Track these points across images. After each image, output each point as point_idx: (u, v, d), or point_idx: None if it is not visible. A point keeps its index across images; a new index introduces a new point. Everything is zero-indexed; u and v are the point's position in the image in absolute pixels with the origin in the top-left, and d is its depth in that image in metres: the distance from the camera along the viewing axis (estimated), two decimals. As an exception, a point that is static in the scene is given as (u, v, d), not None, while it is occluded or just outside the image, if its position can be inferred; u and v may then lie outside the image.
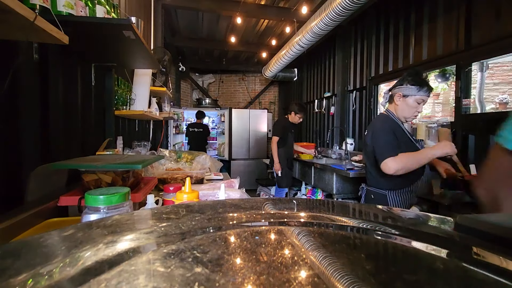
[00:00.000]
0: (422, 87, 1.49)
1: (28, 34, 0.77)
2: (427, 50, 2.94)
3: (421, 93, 1.50)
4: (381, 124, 1.59)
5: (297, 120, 3.83)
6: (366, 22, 3.99)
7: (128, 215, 0.50)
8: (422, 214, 0.57)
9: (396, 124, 1.59)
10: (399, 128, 1.58)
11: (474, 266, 0.33)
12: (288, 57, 4.74)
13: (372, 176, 1.66)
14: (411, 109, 1.53)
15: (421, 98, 1.50)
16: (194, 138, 5.65)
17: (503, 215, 0.42)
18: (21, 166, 0.99)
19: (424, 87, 1.49)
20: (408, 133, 1.61)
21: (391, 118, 1.62)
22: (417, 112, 1.54)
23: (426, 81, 1.53)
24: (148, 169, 1.67)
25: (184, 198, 0.91)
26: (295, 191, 4.83)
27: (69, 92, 1.36)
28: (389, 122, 1.59)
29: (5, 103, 0.90)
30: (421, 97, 1.50)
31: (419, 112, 1.55)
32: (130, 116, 2.26)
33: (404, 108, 1.55)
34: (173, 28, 5.32)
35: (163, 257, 0.31)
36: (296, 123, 3.88)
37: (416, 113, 1.54)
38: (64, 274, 0.28)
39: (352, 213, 0.57)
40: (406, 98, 1.53)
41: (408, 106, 1.53)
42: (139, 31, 1.21)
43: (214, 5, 4.09)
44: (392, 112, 1.63)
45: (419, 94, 1.50)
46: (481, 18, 2.35)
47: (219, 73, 7.75)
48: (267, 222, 0.46)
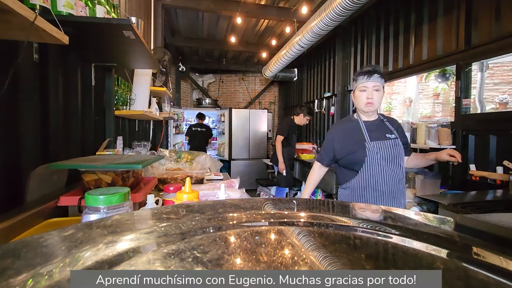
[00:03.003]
0: (357, 77, 1.58)
1: (28, 34, 0.77)
2: (427, 50, 2.94)
3: (358, 82, 1.57)
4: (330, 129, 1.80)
5: (304, 122, 3.88)
6: (366, 22, 3.99)
7: (128, 215, 0.50)
8: (422, 214, 0.57)
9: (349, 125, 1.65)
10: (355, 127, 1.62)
11: (474, 266, 0.33)
12: (288, 57, 4.74)
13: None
14: (359, 99, 1.57)
15: (362, 85, 1.54)
16: (196, 137, 5.66)
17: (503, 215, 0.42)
18: (21, 166, 0.99)
19: (359, 76, 1.57)
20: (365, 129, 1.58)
21: (345, 119, 1.77)
22: (366, 99, 1.54)
23: (360, 71, 1.57)
24: (148, 169, 1.67)
25: (184, 198, 0.91)
26: (295, 191, 4.83)
27: (69, 92, 1.36)
28: (335, 128, 1.76)
29: (5, 103, 0.90)
30: (362, 84, 1.55)
31: (369, 99, 1.53)
32: (130, 116, 2.26)
33: (356, 102, 1.62)
34: (173, 28, 5.32)
35: (163, 257, 0.31)
36: (301, 125, 3.91)
37: (365, 100, 1.54)
38: (64, 274, 0.28)
39: (352, 213, 0.57)
40: (354, 93, 1.62)
41: (357, 99, 1.60)
42: (139, 31, 1.21)
43: (214, 5, 4.09)
44: (357, 112, 1.69)
45: (358, 84, 1.57)
46: (481, 18, 2.35)
47: (219, 73, 7.75)
48: (267, 222, 0.46)
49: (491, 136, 2.23)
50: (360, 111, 1.62)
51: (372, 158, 1.50)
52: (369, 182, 1.52)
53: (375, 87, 1.52)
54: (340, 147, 1.61)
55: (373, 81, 1.51)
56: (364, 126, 1.58)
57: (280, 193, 4.18)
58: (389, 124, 1.61)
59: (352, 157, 1.55)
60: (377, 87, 1.52)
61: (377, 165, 1.51)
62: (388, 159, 1.51)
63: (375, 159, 1.50)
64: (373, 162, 1.50)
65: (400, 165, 1.54)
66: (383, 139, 1.54)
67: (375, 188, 1.52)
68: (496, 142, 2.22)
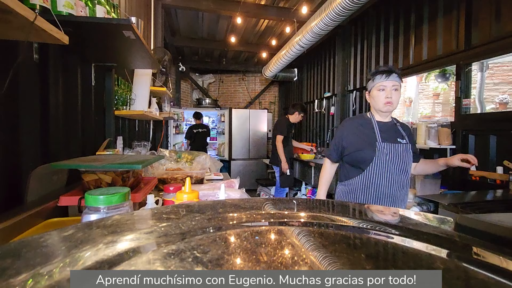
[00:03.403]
0: (374, 76, 1.53)
1: (28, 34, 0.77)
2: (427, 50, 2.94)
3: (376, 81, 1.52)
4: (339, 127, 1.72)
5: (299, 119, 3.93)
6: (366, 22, 3.99)
7: (128, 215, 0.50)
8: (422, 214, 0.57)
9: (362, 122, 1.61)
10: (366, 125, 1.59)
11: (474, 266, 0.33)
12: (288, 57, 4.74)
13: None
14: (377, 98, 1.53)
15: (380, 84, 1.50)
16: (198, 139, 5.65)
17: (503, 215, 0.42)
18: (21, 166, 0.99)
19: (376, 75, 1.52)
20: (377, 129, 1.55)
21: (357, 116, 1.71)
22: (385, 99, 1.50)
23: (378, 70, 1.53)
24: (148, 169, 1.67)
25: (184, 198, 0.91)
26: (295, 191, 4.83)
27: (69, 92, 1.36)
28: (346, 122, 1.68)
29: (5, 103, 0.90)
30: (380, 83, 1.50)
31: (388, 98, 1.49)
32: (130, 116, 2.26)
33: (373, 101, 1.57)
34: (173, 28, 5.32)
35: (163, 257, 0.31)
36: (296, 122, 3.94)
37: (384, 100, 1.50)
38: (64, 274, 0.28)
39: (352, 213, 0.57)
40: (371, 92, 1.57)
41: (374, 98, 1.55)
42: (139, 31, 1.21)
43: (214, 5, 4.09)
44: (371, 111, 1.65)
45: (376, 83, 1.52)
46: (481, 18, 2.35)
47: (219, 73, 7.75)
48: (267, 222, 0.46)
49: (491, 136, 2.23)
50: (376, 111, 1.58)
51: (380, 159, 1.48)
52: (372, 183, 1.50)
53: (394, 87, 1.49)
54: (349, 143, 1.58)
55: (392, 80, 1.48)
56: (377, 126, 1.55)
57: (280, 193, 4.18)
58: (401, 129, 1.58)
59: (359, 155, 1.52)
60: (396, 86, 1.49)
61: (384, 167, 1.48)
62: (396, 162, 1.48)
63: (384, 160, 1.48)
64: (381, 163, 1.48)
65: (406, 171, 1.51)
66: (394, 142, 1.51)
67: (378, 189, 1.49)
68: (496, 142, 2.22)
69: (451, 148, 2.54)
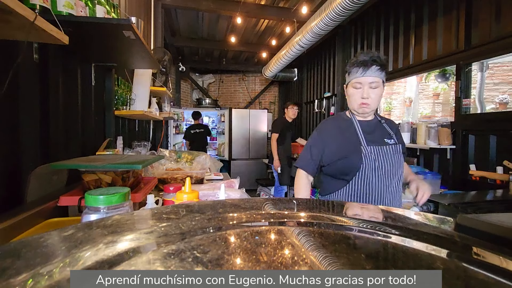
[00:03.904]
0: (350, 69, 1.28)
1: (28, 34, 0.77)
2: (427, 50, 2.94)
3: (351, 76, 1.27)
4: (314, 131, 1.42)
5: (294, 114, 3.95)
6: (366, 22, 3.99)
7: (128, 215, 0.50)
8: (422, 214, 0.57)
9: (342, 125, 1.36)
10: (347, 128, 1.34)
11: (474, 266, 0.33)
12: (288, 57, 4.74)
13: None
14: (352, 97, 1.29)
15: (356, 81, 1.25)
16: (196, 140, 5.60)
17: (503, 215, 0.42)
18: (21, 166, 0.99)
19: (352, 69, 1.26)
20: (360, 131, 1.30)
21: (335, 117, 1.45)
22: (360, 99, 1.25)
23: (356, 61, 1.25)
24: (148, 169, 1.67)
25: (184, 198, 0.91)
26: (295, 191, 4.82)
27: (69, 92, 1.36)
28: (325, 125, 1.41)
29: (5, 103, 0.90)
30: (356, 80, 1.25)
31: (364, 98, 1.24)
32: (130, 116, 2.26)
33: (348, 100, 1.34)
34: (173, 28, 5.32)
35: (163, 257, 0.31)
36: (292, 117, 3.97)
37: (359, 100, 1.25)
38: (64, 274, 0.28)
39: (352, 213, 0.57)
40: (347, 88, 1.33)
41: (349, 97, 1.32)
42: (139, 31, 1.21)
43: (214, 5, 4.09)
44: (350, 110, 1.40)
45: (351, 78, 1.28)
46: (481, 18, 2.35)
47: (219, 73, 7.75)
48: (267, 222, 0.46)
49: (491, 136, 2.23)
50: (352, 111, 1.35)
51: (369, 166, 1.23)
52: (359, 195, 1.25)
53: (372, 84, 1.22)
54: (330, 151, 1.31)
55: (370, 75, 1.20)
56: (359, 126, 1.30)
57: (279, 192, 4.19)
58: (387, 127, 1.34)
59: (344, 163, 1.26)
60: (375, 83, 1.22)
61: (373, 175, 1.23)
62: (387, 168, 1.24)
63: (372, 167, 1.23)
64: (369, 171, 1.23)
65: (399, 177, 1.28)
66: (381, 144, 1.26)
67: (368, 202, 1.25)
68: (496, 142, 2.22)
69: (451, 148, 2.54)
